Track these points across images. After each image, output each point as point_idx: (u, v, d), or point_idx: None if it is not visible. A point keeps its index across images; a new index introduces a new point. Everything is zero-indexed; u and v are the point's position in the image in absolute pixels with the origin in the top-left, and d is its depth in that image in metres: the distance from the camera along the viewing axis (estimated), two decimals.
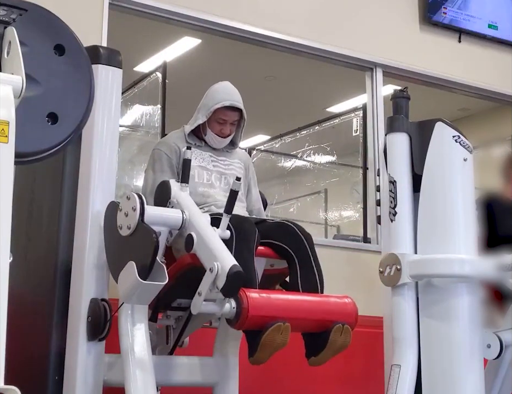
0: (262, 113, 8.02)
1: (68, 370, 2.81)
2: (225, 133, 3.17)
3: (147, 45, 6.71)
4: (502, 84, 5.51)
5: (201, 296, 2.50)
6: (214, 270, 2.46)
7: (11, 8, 1.98)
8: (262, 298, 2.63)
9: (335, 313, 2.76)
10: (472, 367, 2.65)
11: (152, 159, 3.16)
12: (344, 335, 2.72)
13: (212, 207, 3.04)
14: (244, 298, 2.53)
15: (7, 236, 1.79)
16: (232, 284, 2.44)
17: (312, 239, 2.96)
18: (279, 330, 2.56)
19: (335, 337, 2.71)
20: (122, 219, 2.62)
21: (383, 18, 5.18)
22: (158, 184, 2.90)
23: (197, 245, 2.59)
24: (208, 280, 2.48)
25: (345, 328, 2.71)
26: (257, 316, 2.55)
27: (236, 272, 2.43)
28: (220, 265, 2.46)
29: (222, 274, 2.44)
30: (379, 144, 4.93)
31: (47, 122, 1.99)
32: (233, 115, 3.16)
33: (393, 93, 2.96)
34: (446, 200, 2.76)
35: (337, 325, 2.70)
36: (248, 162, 3.36)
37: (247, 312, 2.52)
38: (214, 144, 3.20)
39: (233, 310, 2.54)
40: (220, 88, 3.19)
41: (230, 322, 2.58)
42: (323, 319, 2.73)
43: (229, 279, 2.42)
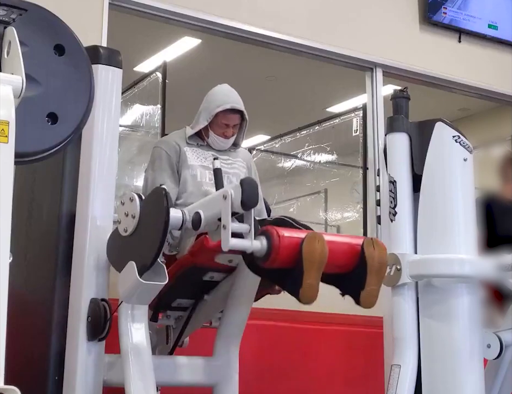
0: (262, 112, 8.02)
1: (68, 370, 2.80)
2: (227, 135, 3.16)
3: (147, 45, 6.71)
4: (502, 84, 5.51)
5: (226, 229, 2.33)
6: (228, 193, 2.35)
7: (11, 8, 1.98)
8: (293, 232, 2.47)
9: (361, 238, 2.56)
10: (472, 367, 2.65)
11: (152, 157, 3.16)
12: (378, 248, 2.48)
13: None
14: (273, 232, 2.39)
15: (7, 236, 1.79)
16: (250, 192, 2.34)
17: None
18: (315, 239, 2.38)
19: (370, 252, 2.46)
20: (122, 217, 2.60)
21: (383, 18, 5.19)
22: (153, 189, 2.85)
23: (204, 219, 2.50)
24: (226, 208, 2.34)
25: (374, 240, 2.50)
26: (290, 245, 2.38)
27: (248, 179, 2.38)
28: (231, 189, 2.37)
29: (237, 191, 2.34)
30: (379, 144, 4.93)
31: (47, 122, 1.99)
32: (235, 117, 3.15)
33: (393, 93, 2.96)
34: (446, 200, 2.76)
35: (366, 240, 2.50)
36: (250, 161, 3.36)
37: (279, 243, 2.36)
38: (217, 145, 3.20)
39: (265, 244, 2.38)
40: (219, 92, 3.18)
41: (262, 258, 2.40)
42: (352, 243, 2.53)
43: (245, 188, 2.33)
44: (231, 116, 3.13)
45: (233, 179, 3.11)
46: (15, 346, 2.07)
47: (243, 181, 2.37)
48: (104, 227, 2.84)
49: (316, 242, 2.37)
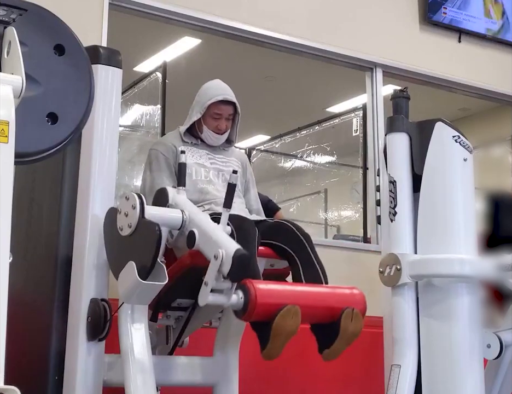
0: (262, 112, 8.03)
1: (68, 370, 2.80)
2: (221, 128, 3.18)
3: (147, 45, 6.71)
4: (502, 84, 5.51)
5: (208, 286, 2.43)
6: (219, 256, 2.39)
7: (11, 8, 1.98)
8: (270, 287, 2.56)
9: (344, 301, 2.66)
10: (472, 367, 2.65)
11: (149, 159, 3.17)
12: (355, 320, 2.60)
13: (212, 206, 3.04)
14: (251, 288, 2.45)
15: (7, 236, 1.79)
16: (239, 267, 2.37)
17: (310, 239, 2.96)
18: (290, 314, 2.46)
19: (345, 324, 2.59)
20: (123, 220, 2.62)
21: (383, 18, 5.18)
22: (156, 191, 2.87)
23: (199, 240, 2.56)
24: (213, 268, 2.41)
25: (355, 312, 2.59)
26: (266, 304, 2.46)
27: (241, 254, 2.38)
28: (224, 251, 2.40)
29: (228, 259, 2.38)
30: (379, 144, 4.93)
31: (47, 122, 1.99)
32: (227, 109, 3.17)
33: (393, 93, 2.96)
34: (446, 200, 2.76)
35: (347, 310, 2.59)
36: (245, 162, 3.36)
37: (255, 300, 2.43)
38: (210, 141, 3.21)
39: (241, 300, 2.46)
40: (212, 85, 3.22)
41: (238, 313, 2.50)
42: (332, 307, 2.63)
43: (235, 263, 2.36)
44: (223, 107, 3.16)
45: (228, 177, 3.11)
46: (15, 346, 2.06)
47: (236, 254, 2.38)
48: None
49: (289, 318, 2.46)
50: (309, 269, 2.88)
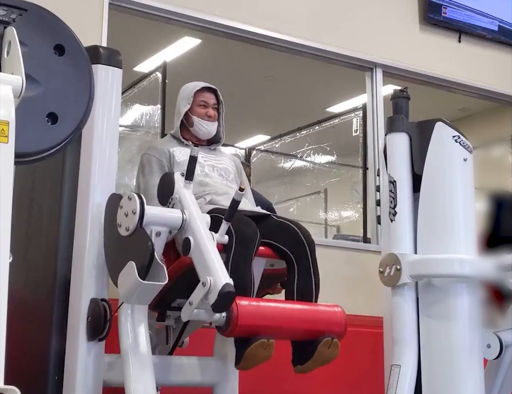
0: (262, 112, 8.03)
1: (68, 370, 2.81)
2: (210, 114, 3.25)
3: (147, 45, 6.71)
4: (502, 84, 5.51)
5: (192, 306, 2.53)
6: (207, 284, 2.46)
7: (11, 8, 1.98)
8: (252, 307, 2.67)
9: (324, 323, 2.80)
10: (472, 367, 2.65)
11: (141, 164, 3.19)
12: (332, 348, 2.76)
13: (213, 196, 3.04)
14: (234, 307, 2.55)
15: (7, 236, 1.79)
16: (223, 302, 2.46)
17: (314, 245, 2.96)
18: (263, 346, 2.62)
19: (322, 350, 2.75)
20: (122, 218, 2.62)
21: (383, 18, 5.19)
22: (161, 177, 2.89)
23: (193, 252, 2.59)
24: (199, 293, 2.49)
25: (334, 342, 2.75)
26: (246, 326, 2.60)
27: (227, 292, 2.43)
28: (213, 281, 2.45)
29: (214, 291, 2.44)
30: (379, 144, 4.93)
31: (47, 122, 1.99)
32: (211, 96, 3.28)
33: (393, 93, 2.96)
34: (446, 200, 2.76)
35: (325, 338, 2.74)
36: (238, 162, 3.41)
37: (236, 321, 2.56)
38: (203, 130, 3.24)
39: (223, 319, 2.57)
40: (189, 83, 3.34)
41: (220, 329, 2.63)
42: (312, 329, 2.77)
43: (220, 298, 2.43)
44: (207, 94, 3.28)
45: (222, 173, 3.19)
46: (15, 346, 2.06)
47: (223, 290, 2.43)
48: None
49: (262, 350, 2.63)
50: (304, 279, 2.91)
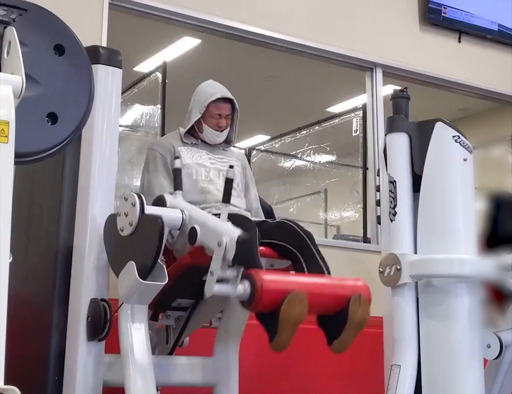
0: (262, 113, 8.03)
1: (68, 370, 2.81)
2: (221, 125, 3.20)
3: (147, 45, 6.71)
4: (502, 84, 5.51)
5: (213, 276, 2.42)
6: (223, 243, 2.40)
7: (11, 8, 1.98)
8: (275, 277, 2.58)
9: (350, 289, 2.66)
10: (472, 367, 2.65)
11: (147, 160, 3.18)
12: (363, 306, 2.59)
13: (213, 209, 3.03)
14: (257, 277, 2.45)
15: (7, 236, 1.79)
16: (243, 250, 2.38)
17: (312, 236, 2.95)
18: (296, 300, 2.45)
19: (353, 309, 2.57)
20: (123, 220, 2.62)
21: (383, 18, 5.18)
22: (154, 199, 2.87)
23: (201, 235, 2.56)
24: (218, 256, 2.41)
25: (362, 298, 2.59)
26: (272, 292, 2.45)
27: (244, 239, 2.39)
28: (228, 238, 2.41)
29: (231, 244, 2.39)
30: (379, 144, 4.93)
31: (47, 122, 1.99)
32: (226, 107, 3.20)
33: (392, 93, 2.96)
34: (446, 200, 2.76)
35: (353, 297, 2.59)
36: (244, 162, 3.38)
37: (261, 289, 2.42)
38: (211, 139, 3.22)
39: (247, 290, 2.45)
40: (207, 86, 3.25)
41: (244, 303, 2.48)
42: (339, 294, 2.63)
43: (239, 247, 2.37)
44: (222, 105, 3.18)
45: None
46: (15, 346, 2.06)
47: (239, 238, 2.39)
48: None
49: (296, 305, 2.44)
50: (312, 265, 2.87)
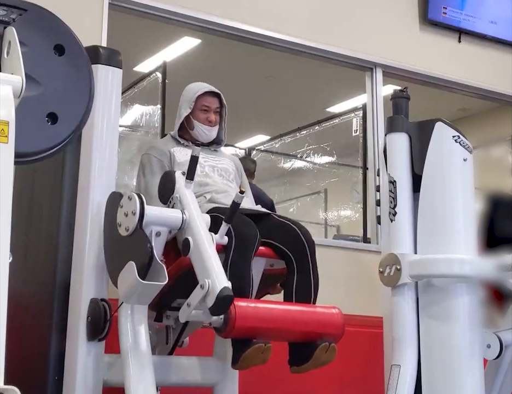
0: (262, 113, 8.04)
1: (68, 370, 2.81)
2: (211, 120, 3.23)
3: (147, 45, 6.72)
4: (502, 84, 5.51)
5: (190, 308, 2.54)
6: (205, 287, 2.46)
7: (11, 8, 1.98)
8: (250, 309, 2.68)
9: (321, 326, 2.80)
10: (472, 367, 2.65)
11: (142, 164, 3.18)
12: (329, 353, 2.77)
13: (213, 194, 3.04)
14: (232, 309, 2.56)
15: (7, 236, 1.79)
16: (221, 306, 2.46)
17: (314, 246, 2.96)
18: (260, 350, 2.64)
19: (319, 354, 2.76)
20: (122, 218, 2.62)
21: (383, 18, 5.18)
22: (162, 175, 2.89)
23: (192, 252, 2.60)
24: (198, 295, 2.50)
25: (331, 347, 2.76)
26: (244, 328, 2.61)
27: (225, 295, 2.44)
28: (211, 284, 2.45)
29: (212, 294, 2.44)
30: (379, 144, 4.93)
31: (47, 122, 1.99)
32: (214, 101, 3.24)
33: (392, 93, 2.96)
34: (446, 200, 2.76)
35: (323, 343, 2.74)
36: (238, 163, 3.40)
37: (234, 323, 2.57)
38: (202, 134, 3.23)
39: (221, 320, 2.58)
40: (193, 85, 3.30)
41: (218, 330, 2.64)
42: (309, 331, 2.78)
43: (218, 301, 2.43)
44: (210, 98, 3.24)
45: (223, 173, 3.18)
46: (15, 346, 2.06)
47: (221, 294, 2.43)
48: None
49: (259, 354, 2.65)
50: (303, 279, 2.91)
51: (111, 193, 2.81)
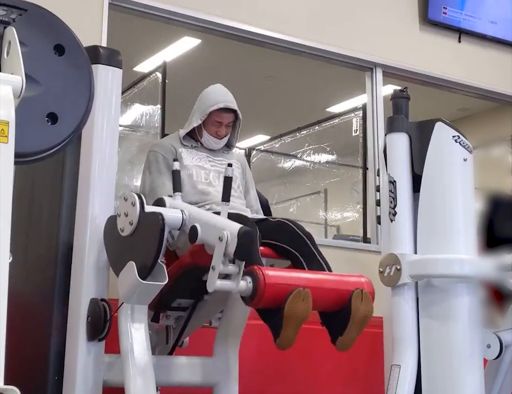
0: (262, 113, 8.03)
1: (68, 370, 2.81)
2: (221, 134, 3.19)
3: (147, 45, 6.71)
4: (502, 84, 5.51)
5: (215, 271, 2.40)
6: (224, 237, 2.39)
7: (11, 8, 1.98)
8: (278, 272, 2.56)
9: (352, 284, 2.66)
10: (472, 367, 2.65)
11: (148, 161, 3.16)
12: (365, 301, 2.60)
13: (213, 205, 3.04)
14: (259, 273, 2.43)
15: (7, 236, 1.80)
16: (245, 243, 2.37)
17: (312, 237, 2.95)
18: (300, 297, 2.43)
19: (356, 305, 2.58)
20: (123, 221, 2.62)
21: (383, 18, 5.18)
22: (153, 202, 2.87)
23: (202, 233, 2.55)
24: (219, 251, 2.40)
25: (364, 293, 2.60)
26: (275, 287, 2.43)
27: (246, 231, 2.38)
28: (228, 232, 2.41)
29: (233, 238, 2.38)
30: (379, 144, 4.93)
31: (47, 122, 1.99)
32: (228, 116, 3.17)
33: (392, 93, 2.96)
34: (445, 200, 2.76)
35: (356, 291, 2.59)
36: (244, 163, 3.37)
37: (264, 284, 2.41)
38: (209, 145, 3.21)
39: (250, 285, 2.43)
40: (212, 91, 3.20)
41: (247, 299, 2.46)
42: (342, 289, 2.63)
43: (240, 240, 2.36)
44: (224, 114, 3.16)
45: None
46: (15, 346, 2.07)
47: (240, 231, 2.38)
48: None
49: (300, 301, 2.43)
50: (313, 264, 2.86)
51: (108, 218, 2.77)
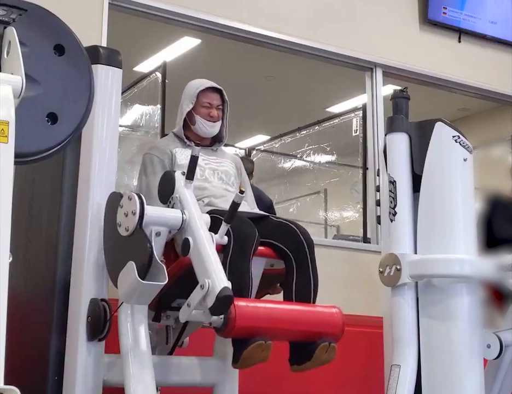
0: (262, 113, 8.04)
1: (68, 370, 2.81)
2: (213, 115, 3.23)
3: (147, 45, 6.71)
4: (502, 84, 5.51)
5: (190, 308, 2.55)
6: (205, 287, 2.47)
7: (11, 8, 1.98)
8: (250, 309, 2.67)
9: (321, 325, 2.80)
10: (472, 367, 2.65)
11: (144, 164, 3.17)
12: (329, 352, 2.77)
13: (211, 199, 3.03)
14: (232, 309, 2.55)
15: (7, 236, 1.79)
16: (221, 306, 2.46)
17: (313, 245, 2.95)
18: (261, 348, 2.63)
19: (319, 354, 2.76)
20: (122, 218, 2.62)
21: (383, 18, 5.19)
22: (162, 175, 2.88)
23: (192, 252, 2.60)
24: (197, 296, 2.50)
25: (331, 346, 2.76)
26: (244, 327, 2.61)
27: (225, 295, 2.44)
28: (211, 284, 2.46)
29: (212, 295, 2.44)
30: (379, 144, 4.93)
31: (47, 122, 1.99)
32: (216, 97, 3.24)
33: (392, 93, 2.96)
34: (445, 200, 2.76)
35: (323, 343, 2.74)
36: (239, 163, 3.38)
37: (234, 322, 2.57)
38: (204, 130, 3.23)
39: (221, 320, 2.58)
40: (194, 81, 3.31)
41: (218, 330, 2.64)
42: (309, 331, 2.78)
43: (218, 301, 2.44)
44: (211, 94, 3.24)
45: (223, 176, 3.17)
46: (15, 346, 2.07)
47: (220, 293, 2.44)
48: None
49: (259, 352, 2.64)
50: (302, 279, 2.91)
51: (111, 193, 2.81)
